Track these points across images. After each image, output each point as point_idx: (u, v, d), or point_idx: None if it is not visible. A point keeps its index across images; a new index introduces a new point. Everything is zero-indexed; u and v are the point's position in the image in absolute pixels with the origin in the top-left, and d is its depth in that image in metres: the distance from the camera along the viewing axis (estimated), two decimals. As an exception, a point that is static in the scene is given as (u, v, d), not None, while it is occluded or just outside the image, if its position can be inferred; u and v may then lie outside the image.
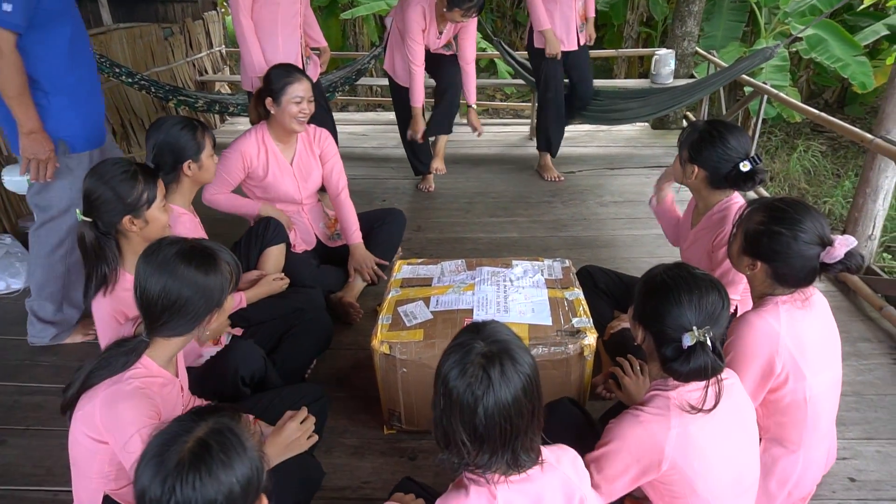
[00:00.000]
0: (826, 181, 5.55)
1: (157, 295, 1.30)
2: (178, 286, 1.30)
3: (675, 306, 1.27)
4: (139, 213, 1.68)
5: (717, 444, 1.28)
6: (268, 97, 2.48)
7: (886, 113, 2.75)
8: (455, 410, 1.07)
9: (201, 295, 1.33)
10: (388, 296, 2.09)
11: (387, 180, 4.33)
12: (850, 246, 1.42)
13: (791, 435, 1.54)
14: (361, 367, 2.34)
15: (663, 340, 1.29)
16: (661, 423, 1.25)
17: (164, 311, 1.32)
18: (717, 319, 1.27)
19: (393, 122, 5.72)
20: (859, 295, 2.80)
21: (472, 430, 1.07)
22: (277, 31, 3.04)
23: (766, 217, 1.50)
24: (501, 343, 1.10)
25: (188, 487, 0.90)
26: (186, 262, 1.32)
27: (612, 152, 4.81)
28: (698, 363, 1.23)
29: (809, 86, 7.24)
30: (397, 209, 3.02)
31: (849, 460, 1.94)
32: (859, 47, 5.29)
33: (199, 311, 1.34)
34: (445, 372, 1.09)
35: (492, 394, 1.05)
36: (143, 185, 1.68)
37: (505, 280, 2.11)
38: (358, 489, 1.88)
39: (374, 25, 8.02)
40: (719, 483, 1.29)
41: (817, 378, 1.49)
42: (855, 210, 2.95)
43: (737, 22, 6.16)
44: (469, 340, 1.11)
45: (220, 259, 1.37)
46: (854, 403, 2.19)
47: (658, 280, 1.32)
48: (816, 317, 1.54)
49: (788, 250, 1.45)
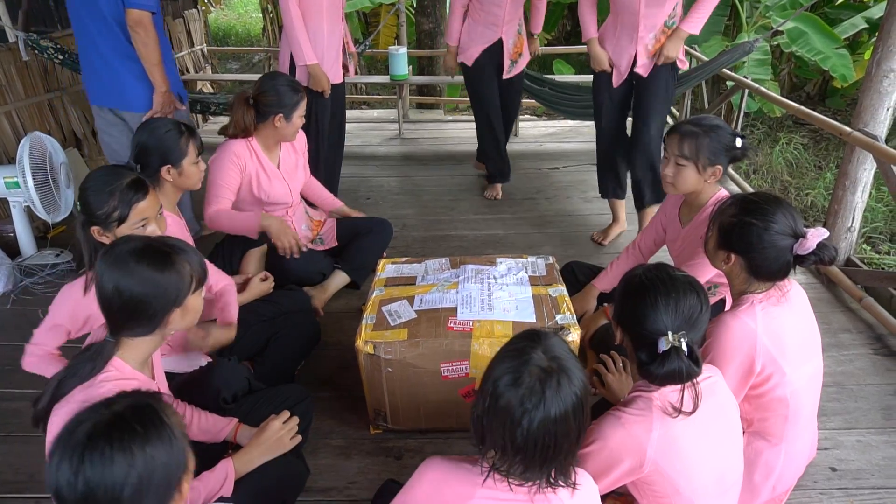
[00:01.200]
0: (808, 173, 5.60)
1: (110, 293, 1.27)
2: (130, 284, 1.27)
3: (651, 309, 1.26)
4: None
5: (700, 444, 1.29)
6: (279, 114, 2.42)
7: (864, 106, 2.79)
8: (499, 416, 1.05)
9: (155, 293, 1.28)
10: (371, 295, 2.08)
11: (371, 178, 4.32)
12: (822, 237, 1.43)
13: (773, 429, 1.55)
14: (346, 367, 2.34)
15: (639, 343, 1.29)
16: (642, 425, 1.25)
17: (120, 310, 1.29)
18: (694, 323, 1.27)
19: (378, 120, 5.74)
20: (840, 286, 2.83)
21: (510, 440, 1.04)
22: (323, 21, 2.98)
23: (738, 210, 1.51)
24: (561, 359, 1.07)
25: (97, 463, 0.87)
26: (138, 259, 1.28)
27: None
28: (672, 367, 1.22)
29: (791, 79, 7.30)
30: (387, 221, 2.93)
31: (830, 450, 1.97)
32: (839, 40, 5.34)
33: (154, 310, 1.29)
34: (497, 376, 1.06)
35: (541, 410, 1.02)
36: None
37: (489, 278, 2.11)
38: (344, 489, 1.87)
39: (357, 22, 7.98)
40: (702, 482, 1.30)
41: (797, 372, 1.51)
42: (835, 202, 2.99)
43: (719, 16, 6.18)
44: (528, 348, 1.07)
45: (177, 257, 1.32)
46: (835, 394, 2.21)
47: (636, 282, 1.32)
48: (795, 311, 1.55)
49: (761, 241, 1.46)
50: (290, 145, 2.67)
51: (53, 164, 2.93)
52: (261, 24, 9.75)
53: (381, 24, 6.19)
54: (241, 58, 9.93)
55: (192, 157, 2.09)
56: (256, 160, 2.52)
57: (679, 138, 1.94)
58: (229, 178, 2.45)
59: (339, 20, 3.11)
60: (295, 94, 2.46)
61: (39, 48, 3.49)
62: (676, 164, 1.95)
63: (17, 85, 3.52)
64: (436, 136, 5.18)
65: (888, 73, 2.68)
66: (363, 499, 1.84)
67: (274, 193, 2.57)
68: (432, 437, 2.05)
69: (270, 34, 8.69)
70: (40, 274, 2.98)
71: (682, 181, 1.97)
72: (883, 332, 2.56)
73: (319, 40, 3.00)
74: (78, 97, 3.94)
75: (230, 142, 2.49)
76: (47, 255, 3.10)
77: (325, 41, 3.02)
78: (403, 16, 5.49)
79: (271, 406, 1.79)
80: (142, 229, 1.70)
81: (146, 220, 1.71)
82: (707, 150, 1.90)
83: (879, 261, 4.10)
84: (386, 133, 5.26)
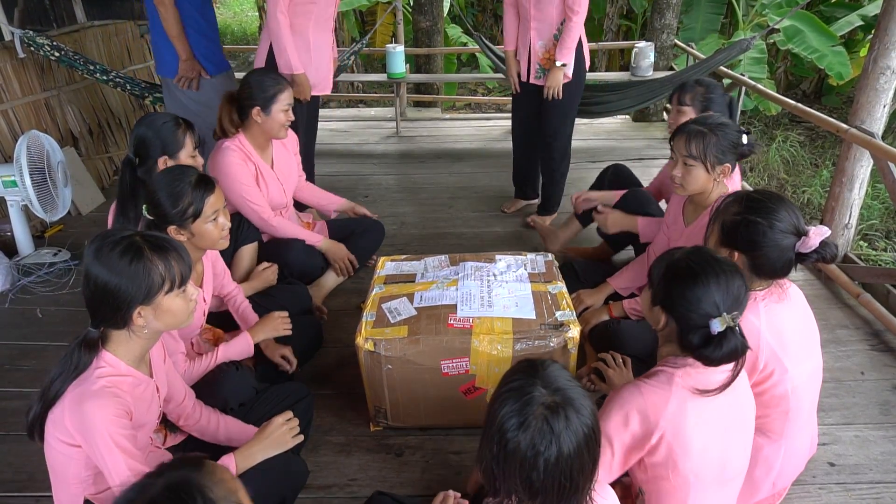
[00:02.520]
0: (805, 171, 5.62)
1: (84, 277, 1.29)
2: (99, 271, 1.27)
3: (702, 292, 1.26)
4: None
5: (710, 428, 1.30)
6: (255, 106, 2.40)
7: (861, 103, 2.80)
8: (511, 461, 1.01)
9: (118, 284, 1.26)
10: (371, 293, 2.08)
11: (369, 176, 4.32)
12: (824, 235, 1.44)
13: (774, 425, 1.56)
14: (346, 364, 2.34)
15: (689, 327, 1.29)
16: (660, 396, 1.28)
17: (90, 298, 1.29)
18: (741, 303, 1.29)
19: (375, 118, 5.73)
20: (837, 283, 2.85)
21: (527, 485, 1.01)
22: (309, 31, 2.91)
23: (741, 208, 1.51)
24: (564, 391, 1.03)
25: None
26: (111, 248, 1.28)
27: (594, 145, 4.83)
28: (730, 347, 1.24)
29: (787, 77, 7.32)
30: (378, 221, 2.95)
31: (828, 445, 1.98)
32: (835, 38, 5.36)
33: (118, 302, 1.27)
34: (502, 421, 1.02)
35: (555, 448, 0.99)
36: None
37: (488, 275, 2.11)
38: (345, 486, 1.88)
39: (354, 21, 7.96)
40: (703, 467, 1.31)
41: (798, 369, 1.52)
42: (832, 199, 3.00)
43: (715, 14, 6.21)
44: (527, 386, 1.04)
45: (153, 254, 1.29)
46: (833, 389, 2.22)
47: (683, 265, 1.31)
48: (794, 308, 1.56)
49: (765, 239, 1.46)
50: (282, 145, 2.65)
51: (51, 162, 2.93)
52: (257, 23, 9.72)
53: (378, 22, 6.18)
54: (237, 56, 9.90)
55: (189, 149, 2.11)
56: (252, 160, 2.50)
57: (686, 138, 1.92)
58: (249, 177, 2.46)
59: (329, 30, 3.04)
60: (274, 86, 2.41)
61: (35, 45, 3.48)
62: (685, 165, 1.93)
63: (14, 83, 3.51)
64: (433, 135, 5.18)
65: (885, 71, 2.69)
66: (364, 496, 1.83)
67: (270, 196, 2.55)
68: (433, 433, 2.05)
69: (265, 32, 8.66)
70: (38, 273, 2.97)
71: (691, 181, 1.95)
72: (880, 327, 2.57)
73: (306, 50, 2.91)
74: (75, 96, 3.92)
75: (221, 145, 2.46)
76: (45, 253, 3.09)
77: (311, 52, 2.93)
78: (401, 14, 5.49)
79: (272, 404, 1.80)
80: (213, 222, 1.77)
81: (217, 212, 1.78)
82: (715, 148, 1.89)
83: (876, 257, 4.12)
84: (383, 131, 5.25)
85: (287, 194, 2.65)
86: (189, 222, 1.74)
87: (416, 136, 5.14)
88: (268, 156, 2.58)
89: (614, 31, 8.10)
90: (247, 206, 2.46)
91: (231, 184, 2.41)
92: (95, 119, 4.14)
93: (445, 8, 6.34)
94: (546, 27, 2.98)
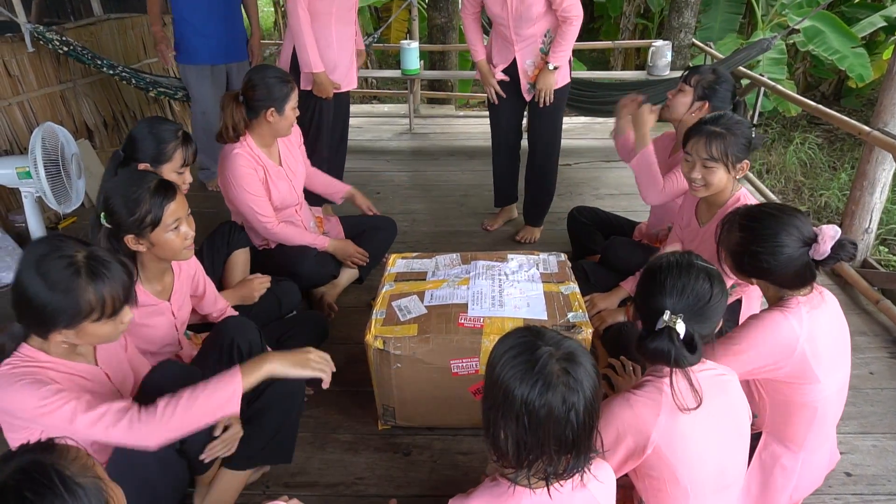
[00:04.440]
0: (822, 174, 5.54)
1: (13, 281, 1.26)
2: (26, 283, 1.23)
3: (658, 287, 1.28)
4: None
5: (704, 437, 1.28)
6: (270, 108, 2.32)
7: (884, 105, 2.74)
8: (545, 426, 1.03)
9: (41, 304, 1.23)
10: (382, 290, 2.07)
11: (381, 173, 4.30)
12: (835, 237, 1.40)
13: (795, 435, 1.52)
14: (355, 361, 2.32)
15: (644, 319, 1.32)
16: (650, 408, 1.26)
17: (15, 302, 1.26)
18: (699, 311, 1.26)
19: (388, 115, 5.72)
20: (856, 288, 2.79)
21: (561, 441, 1.04)
22: (332, 25, 2.88)
23: (741, 237, 1.50)
24: (566, 343, 1.07)
25: None
26: (40, 265, 1.23)
27: (609, 145, 4.76)
28: (660, 346, 1.24)
29: (806, 78, 7.22)
30: (391, 219, 2.91)
31: (846, 455, 1.93)
32: (857, 39, 5.28)
33: (40, 319, 1.25)
34: (525, 393, 1.03)
35: (581, 395, 1.03)
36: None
37: (500, 274, 2.09)
38: (352, 485, 1.86)
39: (368, 16, 7.96)
40: (702, 474, 1.29)
41: (829, 380, 1.48)
42: (852, 203, 2.94)
43: (734, 13, 6.13)
44: (531, 349, 1.06)
45: (83, 281, 1.24)
46: (851, 398, 2.16)
47: (656, 261, 1.34)
48: (830, 315, 1.52)
49: (776, 263, 1.44)
50: (286, 140, 2.59)
51: (65, 154, 2.93)
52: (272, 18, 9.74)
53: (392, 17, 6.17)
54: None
55: (176, 165, 2.04)
56: (261, 163, 2.43)
57: (705, 141, 1.87)
58: (258, 186, 2.39)
59: (350, 23, 3.01)
60: (285, 86, 2.36)
61: (45, 39, 3.50)
62: (704, 167, 1.89)
63: (30, 75, 3.53)
64: (446, 132, 5.16)
65: (909, 72, 2.63)
66: (370, 494, 1.83)
67: (281, 194, 2.51)
68: (441, 433, 2.03)
69: (282, 28, 8.69)
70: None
71: (714, 183, 1.90)
72: (899, 335, 2.52)
73: (327, 45, 2.88)
74: (90, 88, 3.94)
75: (230, 151, 2.37)
76: (58, 245, 3.10)
77: (334, 47, 2.91)
78: (416, 10, 5.47)
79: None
80: (175, 231, 1.64)
81: (178, 221, 1.64)
82: (734, 147, 1.87)
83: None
84: (396, 128, 5.24)
85: (297, 189, 2.62)
86: (147, 231, 1.60)
87: (429, 133, 5.12)
88: (274, 153, 2.53)
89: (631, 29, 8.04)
90: (255, 217, 2.41)
91: (239, 193, 2.37)
92: (110, 112, 4.16)
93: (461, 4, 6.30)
94: (530, 46, 2.86)
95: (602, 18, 8.35)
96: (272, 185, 2.48)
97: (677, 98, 2.37)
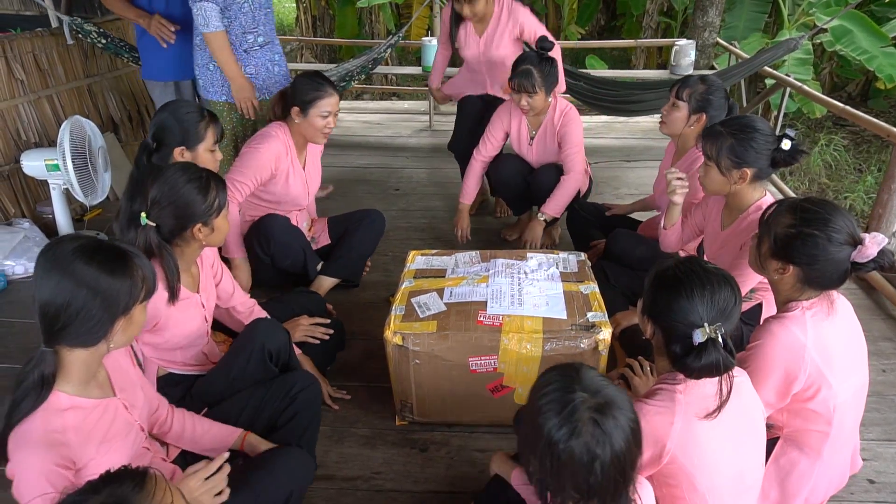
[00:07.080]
0: (848, 176, 5.45)
1: (48, 295, 1.15)
2: (72, 286, 1.15)
3: (686, 301, 1.25)
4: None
5: (720, 442, 1.27)
6: (295, 106, 2.41)
7: (914, 107, 2.68)
8: (567, 470, 1.03)
9: (103, 298, 1.17)
10: (401, 286, 2.07)
11: (401, 169, 4.31)
12: (881, 244, 1.38)
13: (812, 442, 1.51)
14: (374, 357, 2.34)
15: (673, 336, 1.28)
16: (664, 417, 1.25)
17: (55, 317, 1.15)
18: (728, 315, 1.26)
19: (408, 111, 5.73)
20: (881, 293, 2.75)
21: (584, 488, 1.03)
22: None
23: (795, 219, 1.45)
24: (604, 391, 1.05)
25: None
26: (88, 258, 1.16)
27: (630, 144, 4.75)
28: (710, 360, 1.21)
29: (832, 79, 7.10)
30: (377, 211, 2.84)
31: (869, 461, 1.91)
32: (887, 39, 5.16)
33: (100, 317, 1.17)
34: (551, 433, 1.03)
35: (609, 448, 1.01)
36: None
37: (519, 272, 2.08)
38: (369, 479, 1.88)
39: (390, 13, 7.97)
40: (720, 479, 1.28)
41: (843, 385, 1.46)
42: (879, 206, 2.89)
43: (759, 13, 6.03)
44: (567, 393, 1.05)
45: (132, 260, 1.22)
46: (874, 404, 2.14)
47: (669, 274, 1.31)
48: (842, 321, 1.50)
49: (824, 252, 1.41)
50: (315, 150, 2.68)
51: (92, 147, 2.98)
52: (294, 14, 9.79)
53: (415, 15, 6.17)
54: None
55: (209, 142, 2.10)
56: (290, 156, 2.52)
57: (705, 137, 1.89)
58: (260, 167, 2.41)
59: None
60: (313, 91, 2.39)
61: (83, 32, 3.56)
62: (705, 165, 1.91)
63: (59, 69, 3.59)
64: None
65: (941, 74, 2.58)
66: (387, 489, 1.84)
67: (293, 193, 2.56)
68: (458, 430, 2.04)
69: (304, 23, 8.73)
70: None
71: (708, 182, 1.92)
72: (926, 341, 2.47)
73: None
74: (116, 82, 4.00)
75: (276, 130, 2.47)
76: (83, 236, 3.16)
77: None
78: (437, 7, 5.47)
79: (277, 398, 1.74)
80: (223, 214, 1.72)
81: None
82: (729, 151, 1.82)
83: (922, 268, 3.97)
84: (416, 124, 5.25)
85: (310, 195, 2.69)
86: (213, 218, 1.67)
87: (448, 130, 5.04)
88: (303, 156, 2.60)
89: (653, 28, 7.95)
90: (233, 174, 2.38)
91: (249, 151, 2.41)
92: (135, 106, 4.22)
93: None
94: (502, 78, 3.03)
95: (624, 16, 8.26)
96: (290, 181, 2.53)
97: (672, 114, 2.37)
